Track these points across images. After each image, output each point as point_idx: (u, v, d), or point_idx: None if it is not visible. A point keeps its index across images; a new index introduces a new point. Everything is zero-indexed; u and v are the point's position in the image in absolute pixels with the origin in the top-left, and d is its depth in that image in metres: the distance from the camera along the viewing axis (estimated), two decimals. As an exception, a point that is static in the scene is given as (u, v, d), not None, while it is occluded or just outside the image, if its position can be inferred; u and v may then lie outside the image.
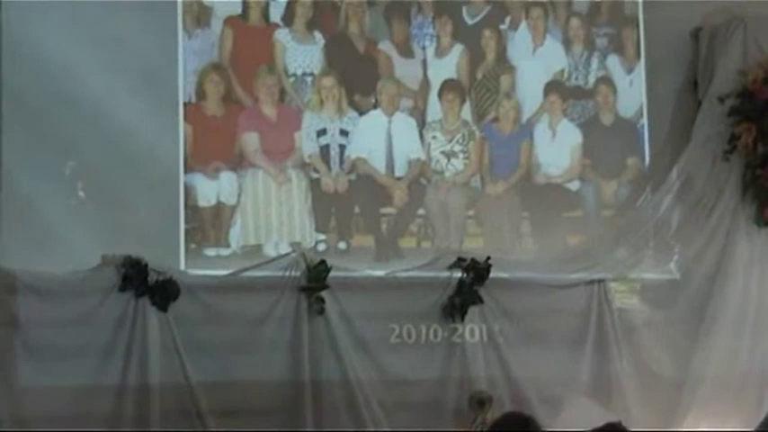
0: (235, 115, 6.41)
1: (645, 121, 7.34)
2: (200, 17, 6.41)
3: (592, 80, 7.26)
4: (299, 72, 6.57)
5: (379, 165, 6.66)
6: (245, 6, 6.53)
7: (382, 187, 6.67)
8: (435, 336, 6.42)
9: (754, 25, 7.26)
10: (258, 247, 6.41)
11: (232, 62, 6.45)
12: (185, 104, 6.30)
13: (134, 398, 5.78)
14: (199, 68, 6.36)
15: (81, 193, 6.07)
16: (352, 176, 6.61)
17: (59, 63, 6.03)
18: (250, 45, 6.54)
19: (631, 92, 7.32)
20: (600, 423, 3.83)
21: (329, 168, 6.55)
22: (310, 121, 6.53)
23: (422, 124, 6.81)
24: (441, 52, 6.90)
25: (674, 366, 6.87)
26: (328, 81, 6.57)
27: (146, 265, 5.76)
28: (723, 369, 6.91)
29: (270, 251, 6.40)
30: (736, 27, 7.26)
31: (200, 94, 6.33)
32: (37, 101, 5.98)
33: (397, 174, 6.73)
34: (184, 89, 6.31)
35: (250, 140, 6.38)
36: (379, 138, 6.70)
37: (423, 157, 6.77)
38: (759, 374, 7.01)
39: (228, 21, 6.45)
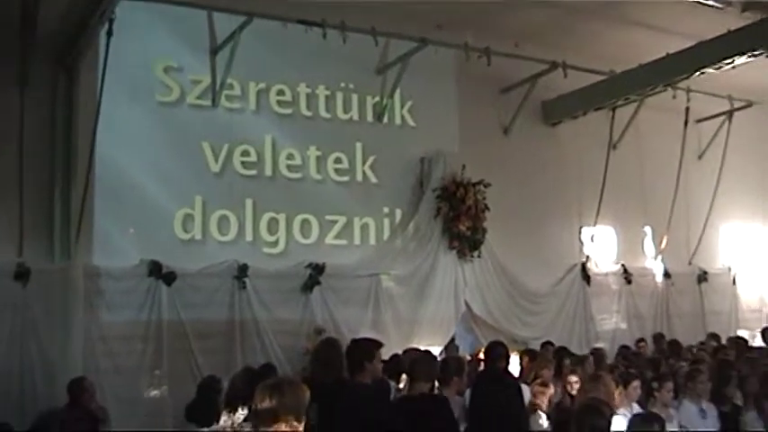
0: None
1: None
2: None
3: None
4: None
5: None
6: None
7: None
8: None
9: (449, 157, 13.02)
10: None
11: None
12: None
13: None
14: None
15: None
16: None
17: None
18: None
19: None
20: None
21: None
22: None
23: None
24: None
25: (410, 313, 12.29)
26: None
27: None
28: (431, 315, 12.48)
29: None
30: (440, 156, 13.00)
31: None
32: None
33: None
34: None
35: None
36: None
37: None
38: (444, 317, 12.78)
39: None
